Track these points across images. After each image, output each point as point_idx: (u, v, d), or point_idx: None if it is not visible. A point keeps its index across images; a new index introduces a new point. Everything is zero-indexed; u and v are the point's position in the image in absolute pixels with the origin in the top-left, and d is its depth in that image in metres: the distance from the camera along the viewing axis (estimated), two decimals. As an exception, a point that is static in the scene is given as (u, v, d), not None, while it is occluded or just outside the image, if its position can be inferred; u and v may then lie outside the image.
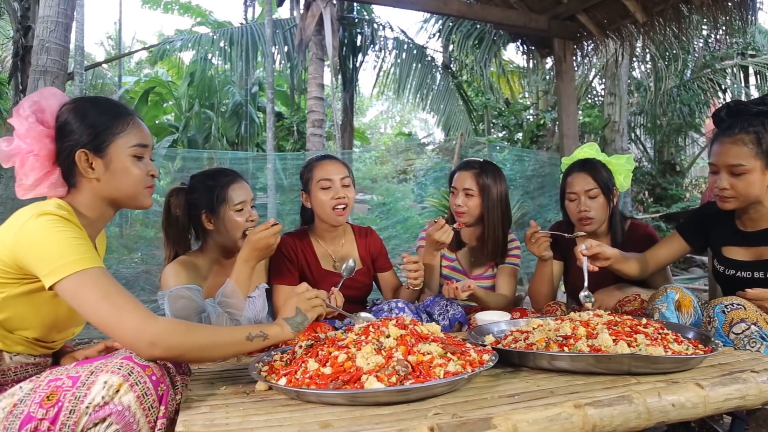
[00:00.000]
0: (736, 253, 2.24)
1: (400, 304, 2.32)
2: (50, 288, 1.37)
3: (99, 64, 16.67)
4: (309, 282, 2.34)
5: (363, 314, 1.89)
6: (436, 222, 2.50)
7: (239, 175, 2.30)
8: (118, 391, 1.24)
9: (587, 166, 2.62)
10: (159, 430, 1.29)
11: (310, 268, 2.51)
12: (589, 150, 2.77)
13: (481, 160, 2.85)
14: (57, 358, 1.75)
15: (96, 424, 1.23)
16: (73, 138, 1.55)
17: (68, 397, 1.25)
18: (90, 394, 1.24)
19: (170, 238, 2.32)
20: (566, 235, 2.62)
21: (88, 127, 1.56)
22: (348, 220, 2.61)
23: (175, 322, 1.43)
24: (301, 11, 10.05)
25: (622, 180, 2.71)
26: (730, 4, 4.44)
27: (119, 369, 1.27)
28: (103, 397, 1.23)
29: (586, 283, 2.21)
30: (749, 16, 4.57)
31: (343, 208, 2.45)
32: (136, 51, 20.65)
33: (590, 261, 2.23)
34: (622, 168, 2.71)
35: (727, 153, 2.06)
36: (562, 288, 3.63)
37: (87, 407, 1.23)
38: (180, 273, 2.14)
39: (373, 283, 2.73)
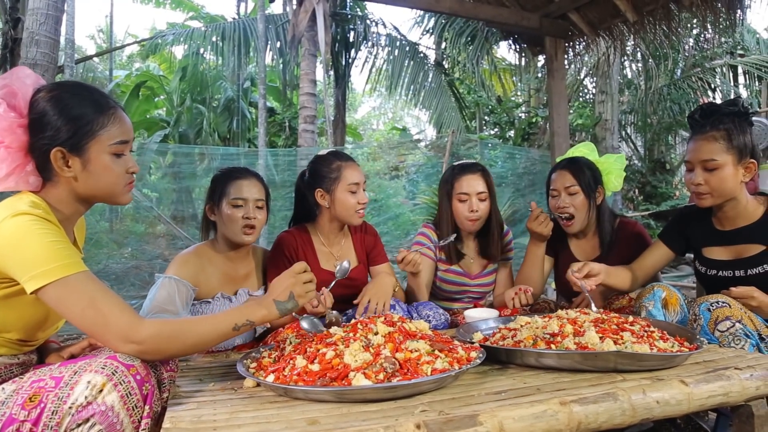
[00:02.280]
0: (716, 252, 2.27)
1: (391, 302, 2.33)
2: (32, 293, 1.32)
3: (90, 57, 16.57)
4: None
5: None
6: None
7: (253, 176, 2.34)
8: (101, 390, 1.22)
9: (571, 164, 2.65)
10: (143, 429, 1.28)
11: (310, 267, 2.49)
12: (584, 149, 2.79)
13: (474, 161, 2.85)
14: (41, 353, 1.72)
15: (79, 425, 1.21)
16: (49, 133, 1.43)
17: (51, 397, 1.24)
18: (73, 395, 1.22)
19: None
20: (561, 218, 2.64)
21: (66, 122, 1.43)
22: None
23: (162, 324, 1.39)
24: (294, 7, 10.04)
25: (614, 180, 2.71)
26: (719, 3, 4.47)
27: (103, 368, 1.25)
28: (86, 397, 1.22)
29: (593, 306, 2.12)
30: (737, 16, 4.60)
31: (364, 210, 2.49)
32: (128, 45, 20.45)
33: (585, 280, 2.21)
34: (612, 167, 2.72)
35: (700, 149, 2.14)
36: (552, 285, 3.65)
37: (70, 407, 1.21)
38: (185, 264, 2.23)
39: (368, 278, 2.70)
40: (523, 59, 6.52)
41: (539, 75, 13.14)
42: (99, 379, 1.23)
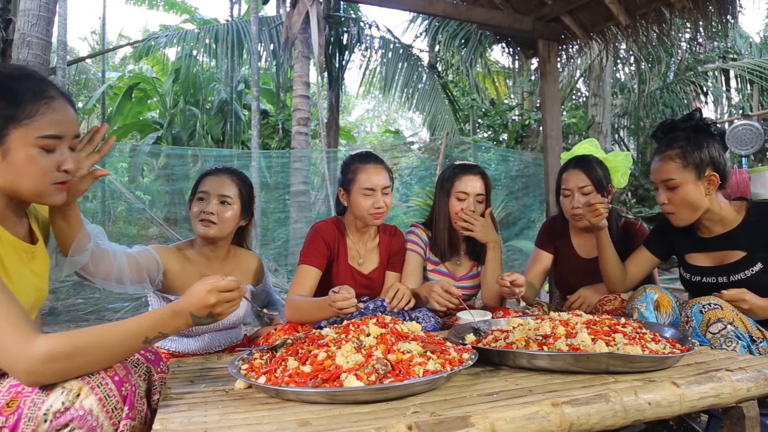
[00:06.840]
0: (699, 259, 2.31)
1: (385, 303, 2.33)
2: None
3: (82, 59, 16.48)
4: (331, 273, 2.47)
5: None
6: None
7: (227, 173, 2.31)
8: (78, 395, 1.20)
9: (582, 163, 2.65)
10: (122, 431, 1.25)
11: (338, 261, 2.54)
12: (589, 146, 2.80)
13: (474, 163, 2.85)
14: None
15: (58, 431, 1.18)
16: None
17: (27, 403, 1.19)
18: (48, 400, 1.19)
19: None
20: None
21: None
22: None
23: (58, 342, 1.21)
24: (288, 9, 10.01)
25: (620, 177, 2.74)
26: (710, 8, 4.49)
27: None
28: (63, 403, 1.18)
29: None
30: (728, 20, 4.62)
31: (381, 213, 2.50)
32: (121, 46, 20.37)
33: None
34: (619, 165, 2.74)
35: (659, 170, 2.21)
36: (546, 288, 3.64)
37: (45, 414, 1.18)
38: (166, 250, 2.22)
39: None
40: (516, 62, 6.53)
41: (532, 78, 13.17)
42: (75, 383, 1.21)
